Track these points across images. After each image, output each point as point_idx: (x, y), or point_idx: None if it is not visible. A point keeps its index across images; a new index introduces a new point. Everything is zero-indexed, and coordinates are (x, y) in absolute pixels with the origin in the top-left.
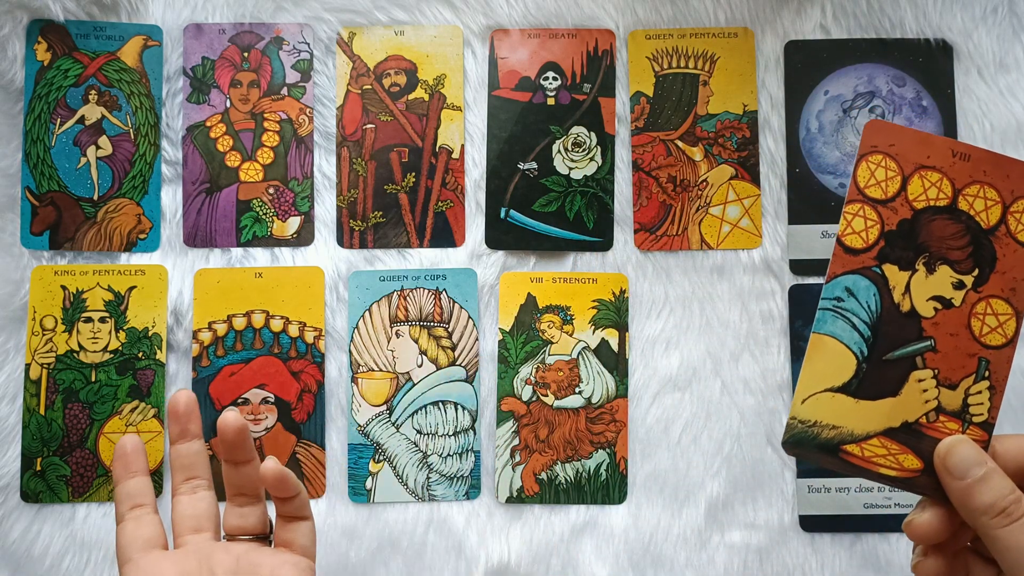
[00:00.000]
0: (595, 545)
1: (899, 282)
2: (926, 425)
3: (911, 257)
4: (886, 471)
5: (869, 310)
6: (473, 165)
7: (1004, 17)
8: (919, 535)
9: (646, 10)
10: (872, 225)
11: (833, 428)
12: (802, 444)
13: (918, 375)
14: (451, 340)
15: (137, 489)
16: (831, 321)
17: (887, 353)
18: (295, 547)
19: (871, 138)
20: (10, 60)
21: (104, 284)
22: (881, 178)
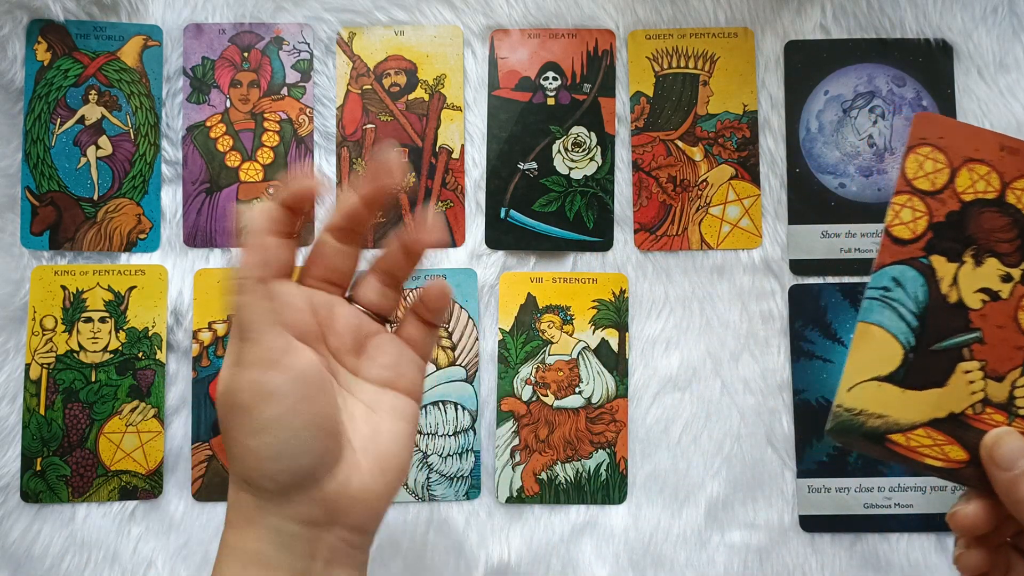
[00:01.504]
0: (595, 545)
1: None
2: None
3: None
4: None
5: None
6: (473, 165)
7: (1004, 17)
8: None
9: (646, 10)
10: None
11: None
12: (847, 432)
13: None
14: (451, 340)
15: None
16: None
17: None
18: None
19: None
20: (10, 60)
21: (104, 284)
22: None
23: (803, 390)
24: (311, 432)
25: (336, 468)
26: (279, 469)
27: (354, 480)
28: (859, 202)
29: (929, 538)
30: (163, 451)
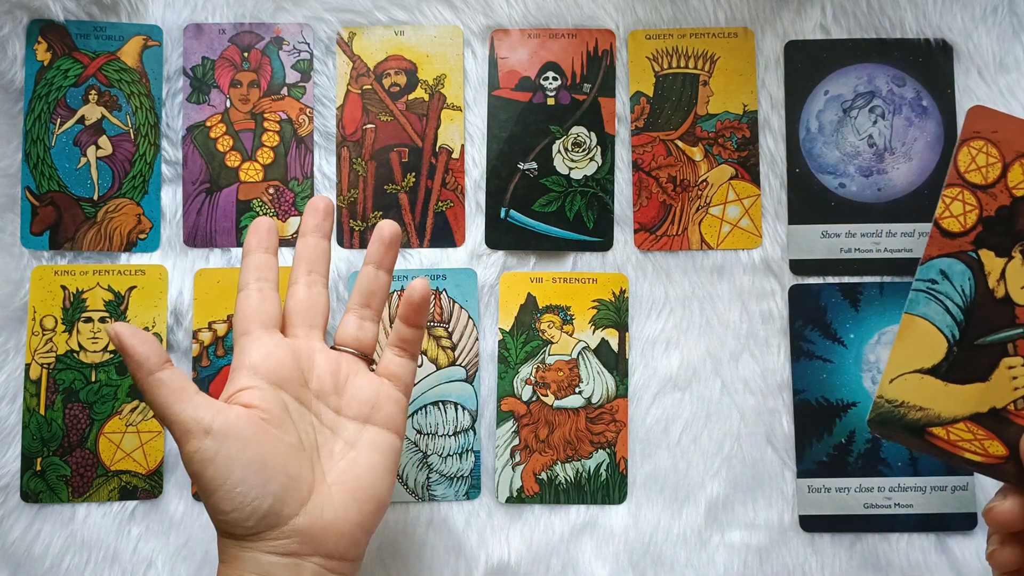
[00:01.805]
0: (595, 545)
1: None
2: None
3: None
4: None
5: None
6: (473, 165)
7: (1004, 17)
8: (999, 522)
9: (646, 10)
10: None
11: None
12: (888, 424)
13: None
14: (451, 340)
15: (268, 264)
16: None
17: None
18: (399, 383)
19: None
20: (10, 60)
21: (104, 284)
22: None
23: (803, 390)
24: (261, 478)
25: (307, 502)
26: (241, 518)
27: (327, 512)
28: (859, 202)
29: (929, 538)
30: (163, 451)
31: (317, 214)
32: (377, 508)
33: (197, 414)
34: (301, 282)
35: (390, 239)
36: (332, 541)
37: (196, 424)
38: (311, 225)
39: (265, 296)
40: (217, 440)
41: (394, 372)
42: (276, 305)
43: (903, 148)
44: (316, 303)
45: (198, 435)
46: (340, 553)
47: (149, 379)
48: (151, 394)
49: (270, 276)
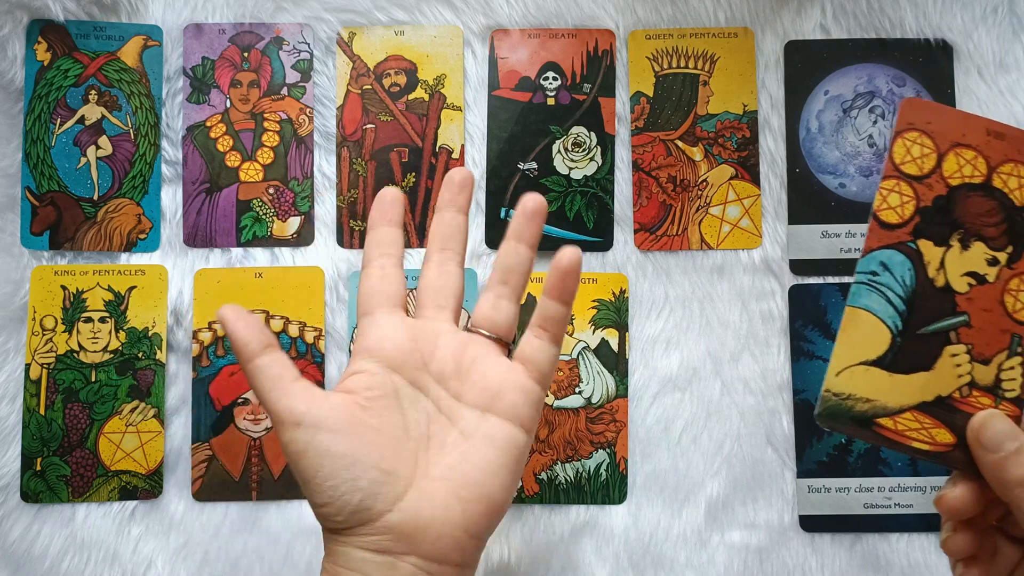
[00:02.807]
0: (595, 545)
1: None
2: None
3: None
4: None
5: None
6: (473, 165)
7: (1004, 17)
8: (950, 509)
9: (646, 10)
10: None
11: (867, 401)
12: (836, 417)
13: (952, 350)
14: None
15: (390, 238)
16: (866, 295)
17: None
18: (534, 370)
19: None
20: (10, 60)
21: (104, 284)
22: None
23: (803, 390)
24: (352, 473)
25: (403, 499)
26: (332, 512)
27: (424, 510)
28: (859, 202)
29: (929, 538)
30: (163, 451)
31: (452, 187)
32: (488, 510)
33: (292, 404)
34: (434, 260)
35: (533, 211)
36: (430, 542)
37: (289, 415)
38: (446, 199)
39: (387, 274)
40: (309, 432)
41: (529, 356)
42: (398, 283)
43: None
44: (447, 283)
45: (290, 427)
46: (441, 555)
47: (249, 366)
48: (251, 381)
49: (393, 252)
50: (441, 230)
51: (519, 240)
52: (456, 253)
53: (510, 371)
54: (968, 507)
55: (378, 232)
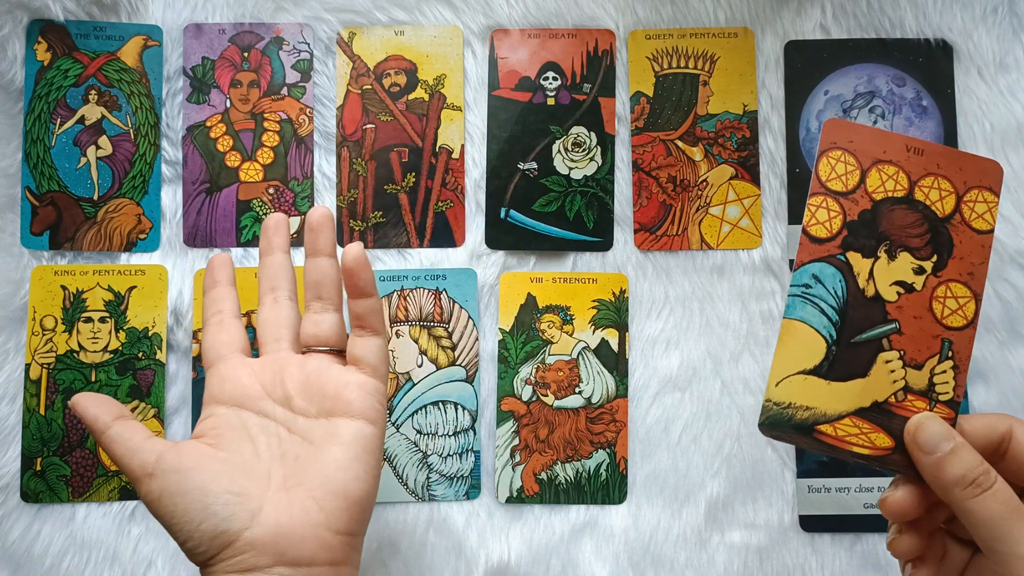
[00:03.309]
0: (595, 545)
1: (863, 268)
2: (895, 404)
3: (873, 245)
4: (859, 449)
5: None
6: (473, 165)
7: (1004, 17)
8: (893, 512)
9: (646, 10)
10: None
11: (807, 409)
12: (778, 426)
13: (885, 356)
14: (451, 340)
15: (222, 295)
16: (800, 307)
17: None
18: (364, 365)
19: (830, 135)
20: (10, 60)
21: (104, 284)
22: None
23: None
24: (203, 503)
25: (259, 513)
26: (195, 545)
27: (281, 518)
28: None
29: None
30: None
31: (267, 232)
32: (347, 504)
33: (143, 459)
34: (266, 300)
35: (317, 223)
36: (294, 547)
37: (141, 469)
38: (264, 246)
39: (225, 326)
40: (160, 479)
41: (357, 355)
42: (236, 330)
43: None
44: (280, 316)
45: (144, 480)
46: (308, 558)
47: (103, 438)
48: (107, 451)
49: (227, 307)
50: (268, 272)
51: (315, 254)
52: (285, 290)
53: (344, 374)
54: (910, 509)
55: (210, 295)
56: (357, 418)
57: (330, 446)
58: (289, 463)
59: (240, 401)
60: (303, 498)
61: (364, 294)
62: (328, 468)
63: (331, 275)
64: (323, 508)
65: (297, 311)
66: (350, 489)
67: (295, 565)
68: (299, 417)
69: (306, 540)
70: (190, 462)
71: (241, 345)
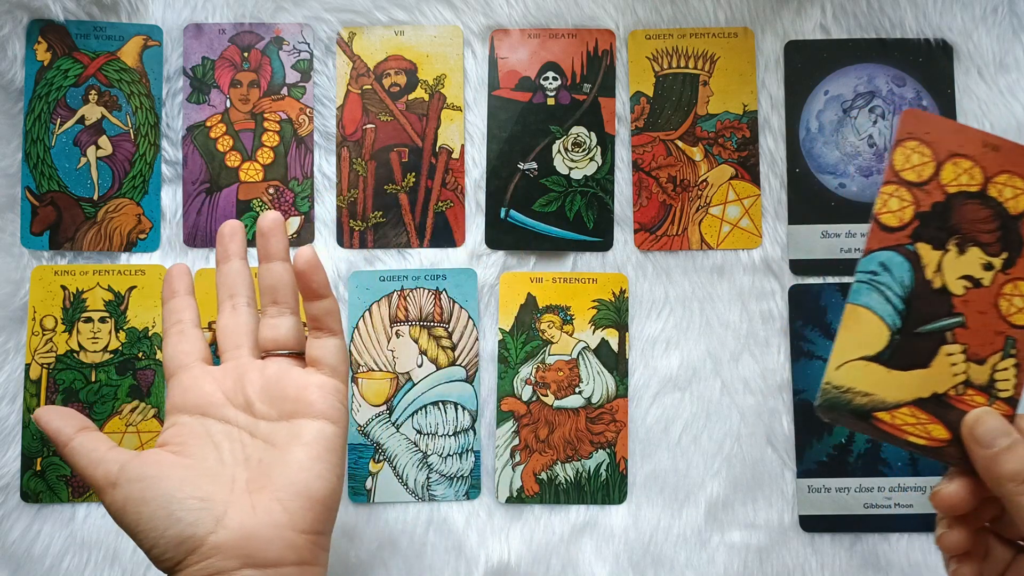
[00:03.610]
0: (595, 545)
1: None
2: (954, 397)
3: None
4: (915, 439)
5: (903, 285)
6: (473, 165)
7: (1004, 17)
8: (945, 505)
9: (646, 10)
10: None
11: (865, 395)
12: (835, 408)
13: (948, 349)
14: (451, 340)
15: (181, 306)
16: (866, 293)
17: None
18: (323, 366)
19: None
20: (10, 60)
21: (104, 284)
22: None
23: (803, 390)
24: (168, 510)
25: (224, 517)
26: (161, 552)
27: (246, 521)
28: (859, 202)
29: (929, 538)
30: None
31: (223, 240)
32: (311, 504)
33: (106, 469)
34: (225, 307)
35: (268, 228)
36: (260, 549)
37: (105, 479)
38: (220, 253)
39: (183, 336)
40: (124, 488)
41: (315, 356)
42: (196, 339)
43: None
44: (239, 322)
45: (108, 489)
46: (275, 559)
47: (65, 450)
48: (69, 463)
49: (187, 316)
50: (226, 280)
51: (268, 259)
52: (243, 296)
53: (304, 376)
54: (962, 503)
55: (169, 305)
56: (319, 418)
57: (292, 447)
58: (253, 467)
59: (203, 409)
60: (267, 500)
61: (318, 296)
62: (291, 469)
63: (285, 279)
64: (287, 509)
65: (256, 317)
66: (313, 488)
67: (262, 567)
68: (261, 422)
69: (272, 542)
70: (154, 470)
71: (202, 354)
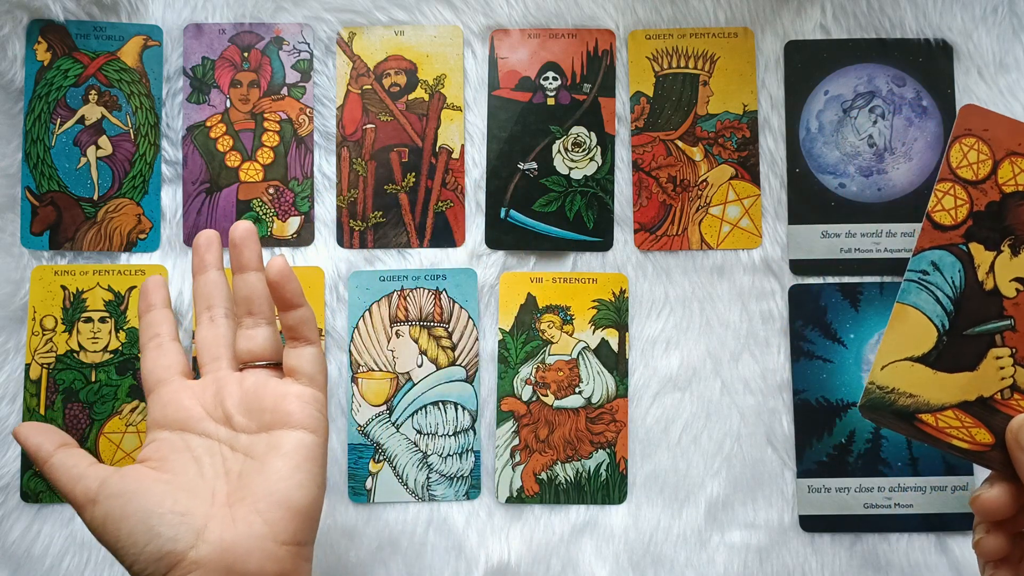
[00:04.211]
0: (595, 545)
1: (984, 261)
2: (1000, 401)
3: (997, 238)
4: (958, 443)
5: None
6: (473, 165)
7: (1004, 17)
8: (985, 509)
9: (646, 10)
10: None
11: (910, 396)
12: (878, 409)
13: (996, 352)
14: (451, 340)
15: (158, 319)
16: (915, 292)
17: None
18: (300, 376)
19: (966, 121)
20: (10, 60)
21: (104, 284)
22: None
23: (803, 390)
24: (147, 525)
25: (204, 531)
26: (141, 568)
27: (226, 534)
28: (859, 202)
29: (929, 538)
30: None
31: (199, 251)
32: (291, 514)
33: (86, 485)
34: (203, 319)
35: (240, 239)
36: (240, 561)
37: (84, 496)
38: (196, 264)
39: (161, 350)
40: (104, 505)
41: (293, 366)
42: (176, 353)
43: (903, 148)
44: (218, 334)
45: (88, 506)
46: (255, 571)
47: (45, 467)
48: (49, 480)
49: (164, 330)
50: (203, 291)
51: (242, 270)
52: (221, 307)
53: (282, 386)
54: (1003, 508)
55: (146, 319)
56: (297, 428)
57: (272, 458)
58: (233, 480)
59: (183, 424)
60: (247, 512)
61: (293, 305)
62: (270, 480)
63: (259, 289)
64: (267, 520)
65: (232, 327)
66: (293, 499)
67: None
68: (241, 434)
69: (252, 553)
70: (133, 485)
71: (181, 367)
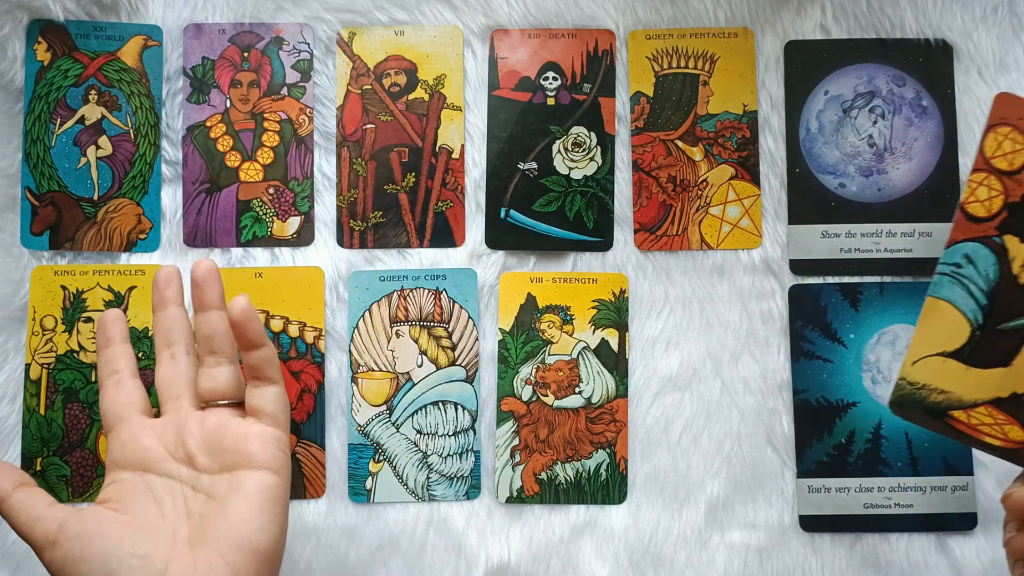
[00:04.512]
0: (595, 545)
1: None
2: None
3: None
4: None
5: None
6: (473, 165)
7: (1004, 17)
8: (1018, 507)
9: (646, 10)
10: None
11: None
12: (909, 405)
13: None
14: (451, 340)
15: (117, 354)
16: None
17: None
18: (263, 415)
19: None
20: (10, 60)
21: (104, 284)
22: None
23: (803, 390)
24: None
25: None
26: None
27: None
28: (859, 202)
29: (929, 538)
30: None
31: (159, 287)
32: (253, 556)
33: (45, 527)
34: (163, 356)
35: (202, 278)
36: None
37: (44, 537)
38: (156, 300)
39: (120, 387)
40: (62, 548)
41: (255, 405)
42: (135, 389)
43: (903, 148)
44: (178, 372)
45: (47, 548)
46: None
47: (2, 507)
48: (7, 519)
49: (123, 366)
50: (163, 327)
51: (203, 308)
52: (182, 344)
53: (244, 426)
54: None
55: (104, 354)
56: (260, 469)
57: (234, 500)
58: (194, 521)
59: (143, 465)
60: (208, 555)
61: (254, 345)
62: (232, 522)
63: (222, 328)
64: (229, 563)
65: (194, 364)
66: (255, 541)
67: None
68: (203, 475)
69: None
70: (93, 527)
71: (141, 405)
